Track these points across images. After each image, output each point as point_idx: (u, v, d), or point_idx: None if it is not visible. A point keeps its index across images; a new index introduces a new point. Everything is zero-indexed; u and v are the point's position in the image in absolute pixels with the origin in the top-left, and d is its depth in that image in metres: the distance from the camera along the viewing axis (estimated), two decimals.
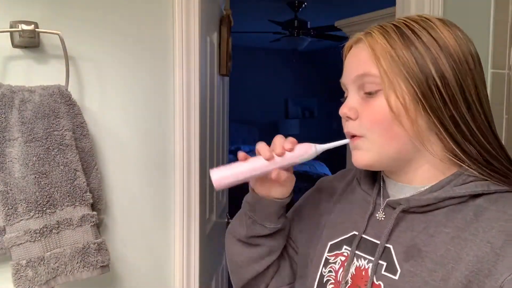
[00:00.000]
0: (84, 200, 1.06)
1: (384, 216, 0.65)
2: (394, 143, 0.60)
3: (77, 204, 1.05)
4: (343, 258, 0.67)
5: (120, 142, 1.22)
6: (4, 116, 1.00)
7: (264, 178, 0.68)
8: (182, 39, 1.25)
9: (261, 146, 0.67)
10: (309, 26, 4.64)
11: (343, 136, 0.66)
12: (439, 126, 0.58)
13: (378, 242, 0.62)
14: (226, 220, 1.92)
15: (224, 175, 0.66)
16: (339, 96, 0.68)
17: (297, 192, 0.77)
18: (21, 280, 0.97)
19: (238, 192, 0.75)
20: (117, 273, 1.24)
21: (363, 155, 0.63)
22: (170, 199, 1.30)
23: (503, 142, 0.64)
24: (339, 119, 0.67)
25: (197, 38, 1.27)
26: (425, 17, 0.61)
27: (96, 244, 1.05)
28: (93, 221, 1.07)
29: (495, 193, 0.59)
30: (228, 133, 2.10)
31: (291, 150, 0.65)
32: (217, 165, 1.74)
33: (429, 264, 0.56)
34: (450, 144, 0.59)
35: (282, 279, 0.80)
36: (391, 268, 0.60)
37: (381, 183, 0.69)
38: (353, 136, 0.64)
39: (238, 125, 6.13)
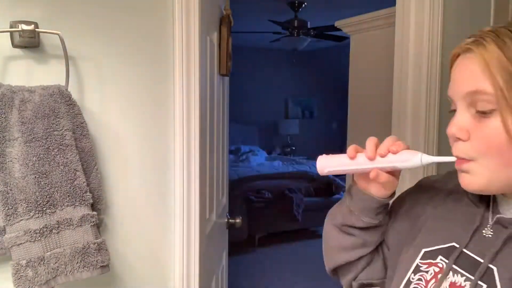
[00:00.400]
0: (84, 200, 1.06)
1: (492, 234, 0.58)
2: (509, 169, 0.54)
3: (77, 204, 1.05)
4: (437, 269, 0.61)
5: (120, 142, 1.22)
6: (4, 116, 1.00)
7: (365, 174, 0.66)
8: (182, 39, 1.25)
9: (368, 142, 0.64)
10: (309, 26, 4.64)
11: (345, 138, 0.64)
12: None
13: (481, 260, 0.56)
14: (226, 220, 1.92)
15: (328, 164, 0.67)
16: (339, 96, 0.67)
17: (296, 192, 0.76)
18: (21, 280, 0.97)
19: (238, 192, 0.74)
20: (117, 273, 1.24)
21: (472, 180, 0.57)
22: (170, 199, 1.30)
23: None
24: (339, 119, 0.65)
25: (197, 38, 1.27)
26: None
27: (96, 244, 1.05)
28: (93, 221, 1.07)
29: None
30: (228, 133, 2.10)
31: (395, 152, 0.62)
32: (217, 165, 1.74)
33: None
34: None
35: (372, 272, 0.77)
36: None
37: (492, 198, 0.62)
38: (461, 158, 0.58)
39: (238, 125, 6.13)
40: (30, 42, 1.06)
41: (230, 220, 1.92)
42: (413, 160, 0.61)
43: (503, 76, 0.51)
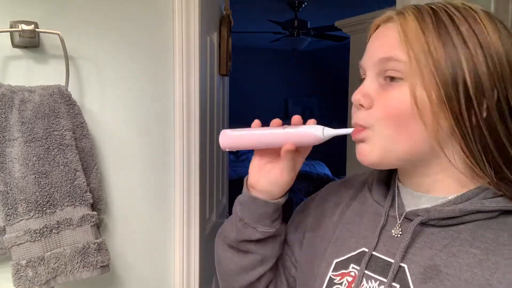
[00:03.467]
0: (84, 200, 1.06)
1: (400, 231, 0.57)
2: (407, 140, 0.53)
3: (77, 204, 1.05)
4: (350, 279, 0.58)
5: (120, 142, 1.22)
6: (4, 116, 1.00)
7: (269, 155, 0.64)
8: (182, 39, 1.25)
9: (273, 120, 0.63)
10: (309, 26, 4.64)
11: (345, 137, 0.61)
12: (459, 134, 0.51)
13: (391, 260, 0.55)
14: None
15: (233, 135, 0.63)
16: (339, 96, 0.66)
17: (296, 192, 0.74)
18: (21, 280, 0.97)
19: (238, 192, 0.73)
20: (117, 273, 1.24)
21: (369, 150, 0.55)
22: (170, 199, 1.30)
23: None
24: (339, 119, 0.64)
25: (197, 38, 1.27)
26: (468, 6, 0.53)
27: (96, 244, 1.05)
28: (93, 221, 1.07)
29: None
30: None
31: (299, 123, 0.61)
32: (217, 165, 1.74)
33: None
34: (471, 155, 0.51)
35: None
36: None
37: (395, 192, 0.61)
38: (359, 128, 0.56)
39: (238, 125, 6.11)
40: (30, 42, 1.06)
41: None
42: (314, 131, 0.58)
43: (417, 47, 0.51)
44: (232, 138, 0.64)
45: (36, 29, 1.06)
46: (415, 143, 0.53)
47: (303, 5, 4.36)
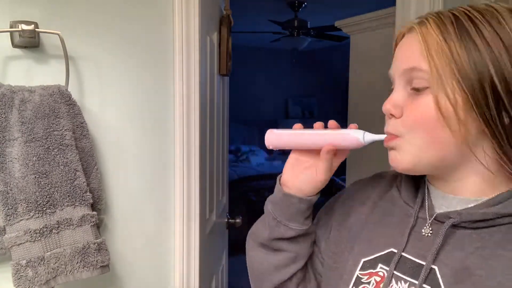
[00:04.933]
0: (84, 200, 1.06)
1: (430, 232, 0.57)
2: (437, 147, 0.54)
3: (77, 204, 1.05)
4: (378, 279, 0.58)
5: (120, 142, 1.22)
6: (4, 116, 1.00)
7: (307, 155, 0.65)
8: (182, 39, 1.25)
9: (316, 123, 0.65)
10: (309, 26, 4.64)
11: None
12: (490, 135, 0.51)
13: (422, 262, 0.55)
14: (226, 220, 1.92)
15: (280, 133, 0.65)
16: (339, 96, 0.66)
17: None
18: (21, 280, 0.97)
19: (238, 192, 0.73)
20: (117, 273, 1.24)
21: (400, 158, 0.56)
22: (170, 199, 1.30)
23: None
24: (339, 119, 0.64)
25: (197, 38, 1.27)
26: (492, 7, 0.53)
27: (96, 244, 1.05)
28: (93, 221, 1.07)
29: None
30: (228, 133, 2.10)
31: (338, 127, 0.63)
32: (217, 165, 1.74)
33: None
34: (505, 156, 0.52)
35: None
36: None
37: (425, 193, 0.61)
38: (391, 136, 0.57)
39: (238, 125, 6.13)
40: (30, 42, 1.06)
41: (230, 220, 1.92)
42: (357, 134, 0.60)
43: (439, 55, 0.52)
44: (279, 137, 0.66)
45: (36, 29, 1.06)
46: (445, 150, 0.54)
47: (303, 5, 4.36)
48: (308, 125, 0.67)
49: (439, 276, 0.52)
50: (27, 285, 0.97)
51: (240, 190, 4.28)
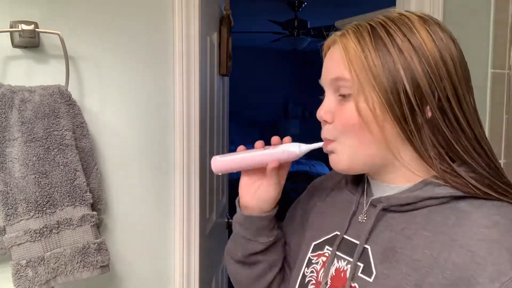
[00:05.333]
0: (84, 200, 1.06)
1: (366, 217, 0.63)
2: (365, 148, 0.59)
3: (77, 204, 1.05)
4: (324, 259, 0.65)
5: (120, 142, 1.22)
6: (4, 116, 1.00)
7: (255, 174, 0.71)
8: (182, 39, 1.25)
9: (257, 142, 0.71)
10: (309, 26, 4.64)
11: None
12: (405, 138, 0.57)
13: (357, 242, 0.61)
14: (226, 220, 1.92)
15: (223, 160, 0.70)
16: None
17: (296, 191, 0.78)
18: (21, 280, 0.97)
19: (238, 193, 0.76)
20: (117, 273, 1.24)
21: (337, 159, 0.62)
22: (170, 199, 1.30)
23: (503, 142, 0.63)
24: None
25: (197, 38, 1.27)
26: (405, 15, 0.58)
27: (96, 244, 1.05)
28: (93, 221, 1.07)
29: (479, 199, 0.56)
30: (228, 133, 2.10)
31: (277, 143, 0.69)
32: None
33: (403, 268, 0.54)
34: (420, 154, 0.57)
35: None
36: (367, 270, 0.58)
37: (366, 184, 0.68)
38: (327, 141, 0.63)
39: (238, 125, 6.13)
40: (30, 42, 1.06)
41: (230, 220, 1.92)
42: (292, 149, 0.67)
43: (357, 64, 0.57)
44: (222, 163, 0.71)
45: (36, 29, 1.06)
46: (372, 150, 0.59)
47: (303, 5, 4.36)
48: (307, 124, 0.71)
49: (370, 254, 0.59)
50: (27, 285, 0.97)
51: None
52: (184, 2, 1.24)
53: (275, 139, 0.69)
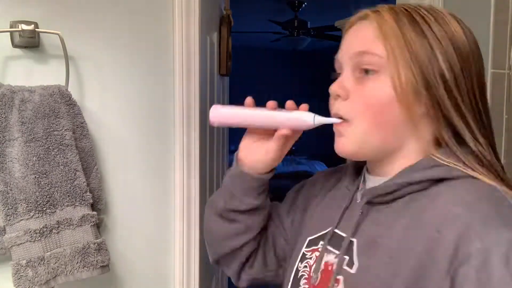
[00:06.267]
0: (84, 200, 1.06)
1: (356, 210, 0.62)
2: (381, 131, 0.58)
3: (77, 204, 1.05)
4: (317, 254, 0.65)
5: (120, 142, 1.22)
6: (4, 116, 1.00)
7: (260, 133, 0.68)
8: (182, 39, 1.25)
9: (269, 102, 0.67)
10: (309, 26, 4.64)
11: None
12: (436, 118, 0.57)
13: (345, 235, 0.61)
14: None
15: (226, 112, 0.65)
16: None
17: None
18: (21, 280, 0.97)
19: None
20: (117, 273, 1.24)
21: (346, 143, 0.60)
22: (170, 199, 1.30)
23: (503, 142, 0.64)
24: None
25: (197, 38, 1.27)
26: (436, 9, 0.60)
27: (96, 244, 1.05)
28: (93, 221, 1.07)
29: (457, 179, 0.55)
30: (228, 133, 2.10)
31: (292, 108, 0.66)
32: (217, 165, 1.74)
33: (383, 257, 0.54)
34: (445, 127, 0.57)
35: (264, 264, 0.77)
36: (350, 262, 0.58)
37: (362, 178, 0.67)
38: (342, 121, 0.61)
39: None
40: (30, 42, 1.06)
41: None
42: (306, 117, 0.63)
43: (394, 40, 0.56)
44: (225, 114, 0.66)
45: (36, 29, 1.06)
46: (388, 132, 0.58)
47: (303, 5, 4.36)
48: None
49: (355, 247, 0.58)
50: (27, 285, 0.97)
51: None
52: (184, 2, 1.24)
53: (289, 103, 0.67)
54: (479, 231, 0.47)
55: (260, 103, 0.69)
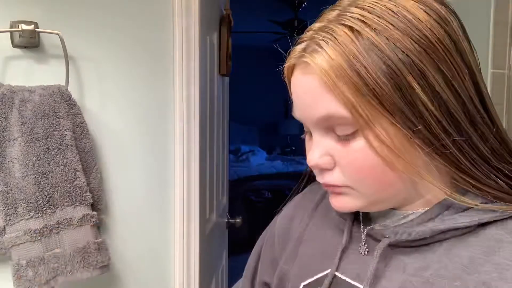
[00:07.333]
0: (84, 200, 1.06)
1: (367, 250, 0.49)
2: (390, 189, 0.45)
3: (77, 204, 1.05)
4: None
5: (120, 142, 1.22)
6: (4, 116, 1.00)
7: None
8: (182, 39, 1.25)
9: None
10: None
11: None
12: (439, 158, 0.43)
13: (359, 285, 0.47)
14: (226, 220, 1.92)
15: None
16: None
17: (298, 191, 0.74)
18: (21, 280, 0.97)
19: (238, 192, 0.74)
20: (117, 273, 1.24)
21: (348, 203, 0.47)
22: (170, 199, 1.30)
23: None
24: None
25: (197, 38, 1.27)
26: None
27: (96, 244, 1.05)
28: (93, 221, 1.07)
29: (510, 218, 0.43)
30: (228, 133, 2.10)
31: None
32: (217, 165, 1.74)
33: None
34: (457, 172, 0.43)
35: None
36: None
37: None
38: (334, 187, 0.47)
39: (238, 125, 6.13)
40: (30, 42, 1.06)
41: (230, 220, 1.92)
42: None
43: (351, 88, 0.40)
44: None
45: (36, 29, 1.06)
46: (399, 187, 0.45)
47: (303, 5, 4.36)
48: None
49: None
50: (27, 285, 0.97)
51: (240, 190, 4.28)
52: (184, 2, 1.24)
53: None
54: None
55: (260, 103, 0.67)
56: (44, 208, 1.01)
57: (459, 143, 0.42)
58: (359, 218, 0.52)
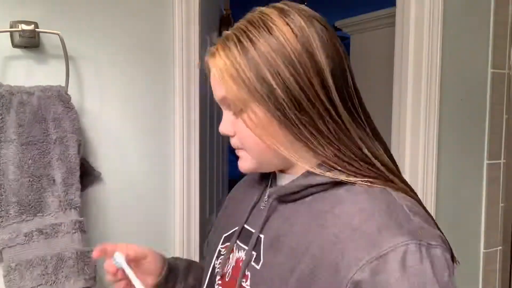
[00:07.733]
0: (75, 206, 1.05)
1: (263, 206, 0.64)
2: (270, 152, 0.58)
3: (67, 209, 1.04)
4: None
5: (120, 142, 1.22)
6: (1, 118, 1.00)
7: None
8: (182, 39, 1.25)
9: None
10: None
11: None
12: (293, 136, 0.56)
13: (254, 230, 0.62)
14: None
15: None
16: None
17: None
18: (10, 283, 0.97)
19: None
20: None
21: (244, 163, 0.63)
22: (170, 199, 1.30)
23: (503, 142, 0.59)
24: None
25: (197, 38, 1.27)
26: (265, 13, 0.57)
27: (82, 254, 1.04)
28: (82, 228, 1.05)
29: (357, 185, 0.56)
30: None
31: None
32: (217, 165, 1.74)
33: (283, 255, 0.56)
34: (310, 151, 0.57)
35: None
36: (257, 258, 0.59)
37: (272, 175, 0.68)
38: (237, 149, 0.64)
39: None
40: (30, 42, 1.06)
41: None
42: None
43: (232, 82, 0.56)
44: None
45: (36, 29, 1.05)
46: (272, 155, 0.59)
47: (303, 5, 4.36)
48: None
49: (262, 243, 0.60)
50: (16, 287, 0.97)
51: None
52: (184, 2, 1.24)
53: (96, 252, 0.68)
54: (375, 240, 0.49)
55: None
56: (35, 212, 1.00)
57: (307, 127, 0.56)
58: (269, 185, 0.67)
